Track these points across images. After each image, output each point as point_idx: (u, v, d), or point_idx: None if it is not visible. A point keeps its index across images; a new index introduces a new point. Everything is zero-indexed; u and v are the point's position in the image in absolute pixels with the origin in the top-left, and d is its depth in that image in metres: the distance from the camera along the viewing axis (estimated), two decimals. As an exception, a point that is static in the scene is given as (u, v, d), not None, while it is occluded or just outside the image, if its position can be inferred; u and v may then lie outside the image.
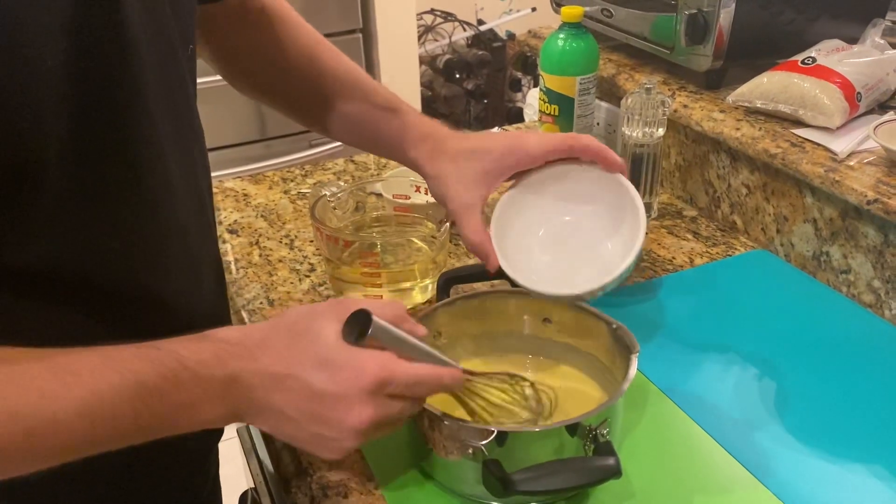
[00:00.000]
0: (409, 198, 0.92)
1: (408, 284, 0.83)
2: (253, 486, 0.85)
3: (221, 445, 0.78)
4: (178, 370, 0.49)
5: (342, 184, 1.02)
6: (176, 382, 0.49)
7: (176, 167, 0.58)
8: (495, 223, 0.68)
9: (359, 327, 0.53)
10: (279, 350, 0.53)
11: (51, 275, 0.51)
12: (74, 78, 0.45)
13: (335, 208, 0.88)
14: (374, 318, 0.53)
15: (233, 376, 0.51)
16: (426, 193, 0.90)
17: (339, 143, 2.24)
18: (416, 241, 0.85)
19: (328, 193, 0.87)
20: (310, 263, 0.95)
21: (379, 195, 0.94)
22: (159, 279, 0.59)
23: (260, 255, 0.97)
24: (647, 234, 0.99)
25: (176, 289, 0.61)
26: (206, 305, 0.67)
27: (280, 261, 0.96)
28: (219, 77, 0.80)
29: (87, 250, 0.52)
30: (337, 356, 0.53)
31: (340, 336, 0.54)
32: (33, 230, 0.48)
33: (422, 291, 0.84)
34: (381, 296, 0.82)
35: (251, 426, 0.55)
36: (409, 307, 0.83)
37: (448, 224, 0.83)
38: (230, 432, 0.85)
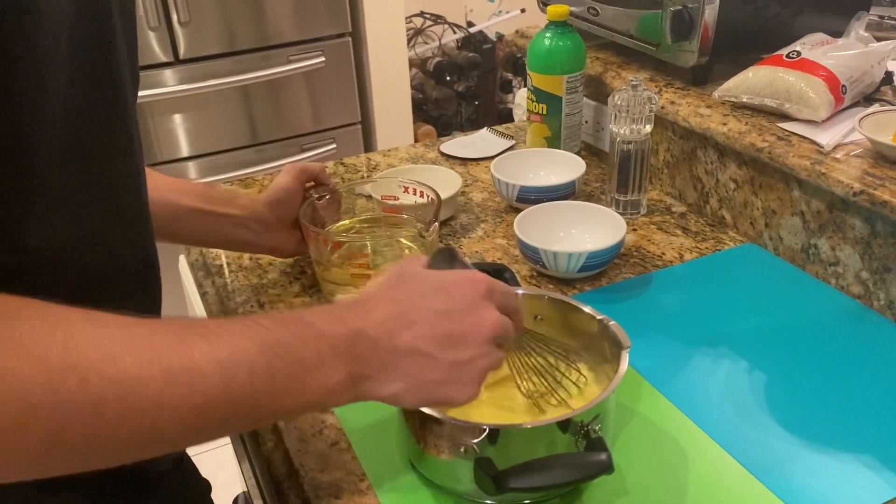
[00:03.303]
0: (398, 198, 0.92)
1: None
2: (245, 489, 0.84)
3: (215, 451, 0.78)
4: (302, 326, 0.49)
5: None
6: (302, 338, 0.49)
7: (141, 162, 0.60)
8: None
9: (448, 258, 0.60)
10: (388, 299, 0.54)
11: (49, 246, 0.50)
12: (78, 68, 0.49)
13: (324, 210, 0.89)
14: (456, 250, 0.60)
15: (357, 331, 0.51)
16: (414, 194, 0.91)
17: (329, 147, 2.24)
18: (404, 241, 0.85)
19: (317, 195, 0.88)
20: (300, 266, 0.95)
21: (368, 197, 0.94)
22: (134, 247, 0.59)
23: (250, 259, 0.97)
24: (635, 230, 1.00)
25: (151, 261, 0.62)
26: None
27: (270, 264, 0.96)
28: (209, 83, 0.81)
29: (75, 223, 0.52)
30: (443, 279, 0.56)
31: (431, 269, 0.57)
32: (39, 195, 0.48)
33: None
34: None
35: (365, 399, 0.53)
36: None
37: (436, 224, 0.83)
38: (223, 438, 0.85)
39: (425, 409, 0.59)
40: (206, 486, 0.77)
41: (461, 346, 0.54)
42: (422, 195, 0.89)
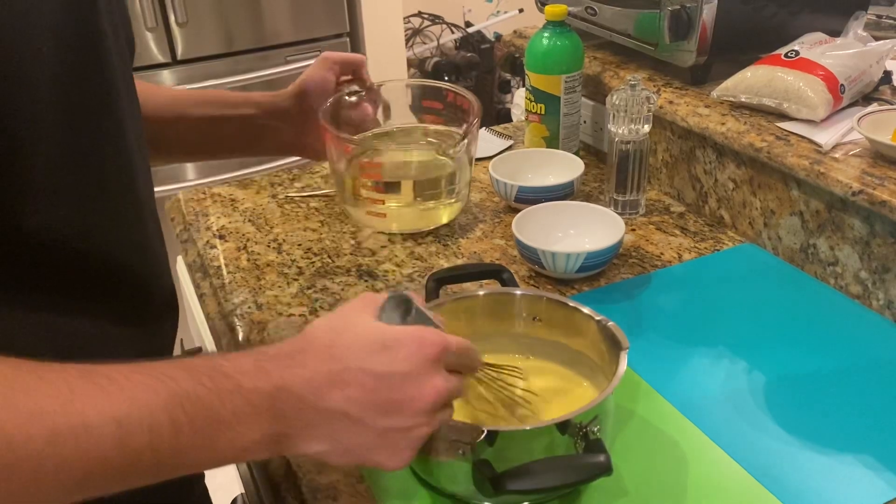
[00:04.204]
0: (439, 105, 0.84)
1: (431, 204, 0.76)
2: (243, 491, 0.84)
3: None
4: (219, 379, 0.45)
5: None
6: (217, 392, 0.45)
7: (136, 145, 0.60)
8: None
9: (402, 309, 0.54)
10: (324, 351, 0.49)
11: (44, 239, 0.51)
12: (65, 65, 0.49)
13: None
14: (413, 298, 0.54)
15: (280, 387, 0.47)
16: (453, 99, 0.81)
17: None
18: (438, 155, 0.78)
19: (347, 91, 0.78)
20: (298, 267, 0.94)
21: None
22: (133, 249, 0.59)
23: (248, 260, 0.97)
24: (633, 230, 0.99)
25: (154, 261, 0.61)
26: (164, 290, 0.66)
27: (268, 265, 0.95)
28: (207, 84, 0.80)
29: (76, 216, 0.52)
30: (391, 336, 0.50)
31: (380, 322, 0.52)
32: (32, 193, 0.49)
33: (447, 209, 0.78)
34: (385, 214, 0.77)
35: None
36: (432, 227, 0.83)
37: (467, 140, 0.74)
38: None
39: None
40: (199, 473, 0.76)
41: (396, 415, 0.49)
42: (463, 104, 0.80)
